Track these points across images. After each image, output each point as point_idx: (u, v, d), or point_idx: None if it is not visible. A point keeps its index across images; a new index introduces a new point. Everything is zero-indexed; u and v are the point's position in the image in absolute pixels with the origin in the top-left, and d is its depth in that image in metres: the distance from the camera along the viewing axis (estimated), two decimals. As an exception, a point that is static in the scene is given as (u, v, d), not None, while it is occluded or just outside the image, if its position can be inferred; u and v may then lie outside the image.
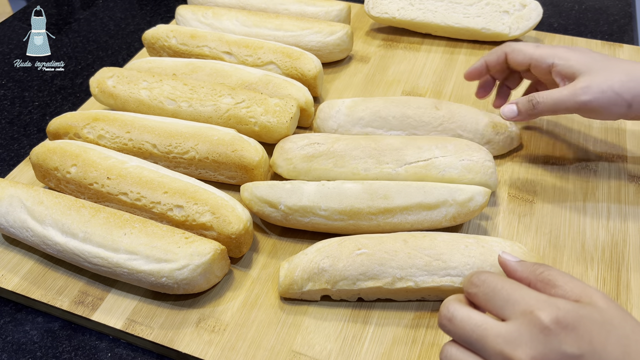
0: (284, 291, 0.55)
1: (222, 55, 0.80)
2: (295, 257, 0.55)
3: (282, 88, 0.72)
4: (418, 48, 0.89)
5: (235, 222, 0.56)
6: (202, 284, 0.54)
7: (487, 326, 0.38)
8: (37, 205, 0.57)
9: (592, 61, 0.58)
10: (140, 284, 0.54)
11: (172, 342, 0.53)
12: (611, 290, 0.56)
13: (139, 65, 0.79)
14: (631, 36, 0.93)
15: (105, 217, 0.55)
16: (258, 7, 0.90)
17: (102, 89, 0.73)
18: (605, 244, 0.60)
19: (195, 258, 0.52)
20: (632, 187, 0.66)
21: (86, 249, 0.54)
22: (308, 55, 0.78)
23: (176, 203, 0.57)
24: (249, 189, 0.60)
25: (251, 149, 0.63)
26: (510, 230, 0.62)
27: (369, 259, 0.52)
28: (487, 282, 0.40)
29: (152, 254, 0.53)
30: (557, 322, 0.36)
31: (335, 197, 0.57)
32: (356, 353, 0.52)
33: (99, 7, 1.07)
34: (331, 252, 0.53)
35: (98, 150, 0.63)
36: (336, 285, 0.52)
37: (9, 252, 0.61)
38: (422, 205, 0.56)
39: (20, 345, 0.55)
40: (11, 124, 0.81)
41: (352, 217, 0.57)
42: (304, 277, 0.53)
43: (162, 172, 0.60)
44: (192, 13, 0.88)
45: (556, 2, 1.03)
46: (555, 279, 0.40)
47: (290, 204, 0.57)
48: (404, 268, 0.51)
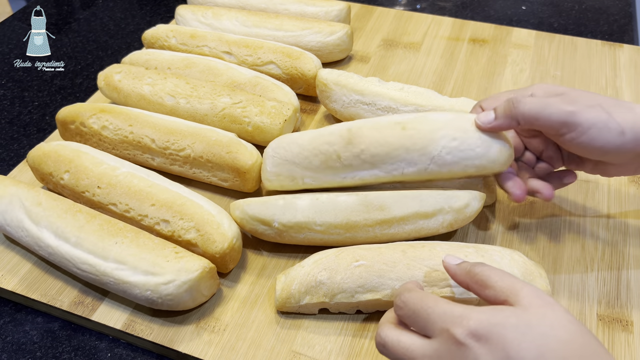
0: (281, 305, 0.53)
1: (222, 55, 0.80)
2: (291, 269, 0.54)
3: (269, 91, 0.72)
4: (418, 48, 0.89)
5: (220, 240, 0.54)
6: (188, 302, 0.53)
7: (414, 348, 0.39)
8: (35, 207, 0.57)
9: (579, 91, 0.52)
10: (126, 295, 0.53)
11: (171, 342, 0.53)
12: (611, 290, 0.56)
13: (138, 57, 0.80)
14: (631, 36, 0.93)
15: (100, 224, 0.55)
16: (258, 7, 0.90)
17: (108, 82, 0.75)
18: (605, 244, 0.60)
19: (183, 274, 0.51)
20: (632, 187, 0.66)
21: (76, 254, 0.54)
22: (308, 55, 0.78)
23: (162, 217, 0.56)
24: (240, 208, 0.58)
25: (246, 152, 0.62)
26: (511, 231, 0.62)
27: (368, 271, 0.51)
28: (408, 304, 0.41)
29: (140, 265, 0.52)
30: (470, 336, 0.36)
31: (330, 211, 0.55)
32: (356, 353, 0.52)
33: (99, 7, 1.07)
34: (329, 264, 0.52)
35: (92, 155, 0.63)
36: (334, 298, 0.52)
37: (9, 252, 0.61)
38: (418, 214, 0.55)
39: (20, 345, 0.55)
40: (11, 124, 0.81)
41: (348, 230, 0.56)
42: (301, 291, 0.52)
43: (152, 180, 0.60)
44: (191, 13, 0.88)
45: (556, 2, 1.03)
46: (488, 279, 0.40)
47: (284, 221, 0.56)
48: (403, 279, 0.51)
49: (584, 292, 0.56)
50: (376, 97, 0.69)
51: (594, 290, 0.56)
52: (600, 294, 0.56)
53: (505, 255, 0.53)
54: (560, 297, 0.55)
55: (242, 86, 0.73)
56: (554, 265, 0.58)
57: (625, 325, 0.53)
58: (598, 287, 0.56)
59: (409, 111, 0.68)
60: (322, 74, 0.72)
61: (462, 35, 0.91)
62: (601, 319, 0.54)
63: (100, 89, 0.77)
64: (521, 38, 0.89)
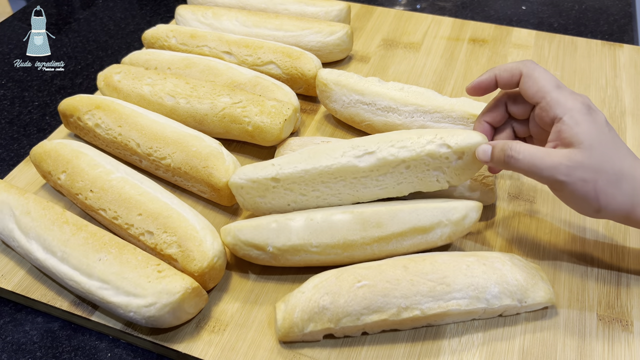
0: (284, 335, 0.51)
1: (222, 55, 0.80)
2: (291, 296, 0.52)
3: (269, 91, 0.72)
4: (418, 48, 0.89)
5: (199, 259, 0.53)
6: (172, 321, 0.52)
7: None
8: (24, 216, 0.57)
9: (598, 140, 0.49)
10: (112, 312, 0.53)
11: (171, 342, 0.53)
12: (611, 290, 0.56)
13: (138, 57, 0.80)
14: (631, 36, 0.93)
15: (85, 238, 0.54)
16: (258, 7, 0.90)
17: (108, 83, 0.75)
18: (605, 244, 0.60)
19: (164, 297, 0.49)
20: (632, 187, 0.66)
21: (62, 269, 0.53)
22: (308, 55, 0.78)
23: (147, 229, 0.56)
24: (231, 233, 0.55)
25: (222, 168, 0.61)
26: (511, 231, 0.62)
27: (371, 291, 0.50)
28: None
29: (122, 285, 0.51)
30: None
31: (326, 232, 0.53)
32: (356, 353, 0.52)
33: (99, 7, 1.07)
34: (330, 287, 0.50)
35: (90, 157, 0.63)
36: (339, 322, 0.50)
37: (9, 252, 0.61)
38: (416, 229, 0.54)
39: (20, 345, 0.55)
40: (11, 124, 0.81)
41: (346, 249, 0.54)
42: (304, 318, 0.50)
43: (144, 187, 0.59)
44: (191, 13, 0.88)
45: (556, 2, 1.03)
46: None
47: (279, 245, 0.54)
48: (409, 296, 0.50)
49: (584, 292, 0.56)
50: (376, 97, 0.69)
51: (594, 290, 0.56)
52: (600, 294, 0.56)
53: (506, 261, 0.53)
54: (560, 297, 0.55)
55: (242, 86, 0.73)
56: (554, 266, 0.58)
57: (625, 325, 0.53)
58: (598, 287, 0.56)
59: (409, 111, 0.68)
60: (322, 73, 0.72)
61: (462, 35, 0.91)
62: (601, 319, 0.54)
63: (100, 89, 0.77)
64: (521, 38, 0.89)
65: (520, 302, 0.52)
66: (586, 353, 0.51)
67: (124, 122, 0.67)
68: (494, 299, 0.51)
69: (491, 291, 0.51)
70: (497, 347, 0.52)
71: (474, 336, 0.52)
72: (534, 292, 0.52)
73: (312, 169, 0.56)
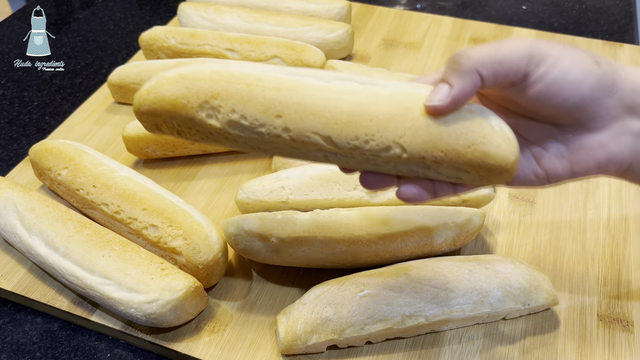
0: (287, 348, 0.50)
1: (225, 53, 0.80)
2: (292, 308, 0.51)
3: None
4: (418, 47, 0.89)
5: (205, 252, 0.54)
6: (172, 321, 0.51)
7: None
8: (28, 212, 0.57)
9: None
10: (112, 310, 0.52)
11: (171, 343, 0.53)
12: (611, 290, 0.56)
13: (126, 72, 0.77)
14: (632, 36, 0.93)
15: (89, 235, 0.54)
16: (259, 4, 0.90)
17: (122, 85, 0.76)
18: (605, 244, 0.60)
19: (167, 293, 0.50)
20: (632, 187, 0.66)
21: (64, 265, 0.53)
22: (311, 47, 0.78)
23: (152, 222, 0.56)
24: (234, 223, 0.54)
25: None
26: (511, 230, 0.62)
27: (375, 300, 0.49)
28: None
29: (125, 281, 0.51)
30: None
31: (332, 226, 0.53)
32: (356, 353, 0.52)
33: (99, 7, 1.07)
34: (332, 298, 0.50)
35: (93, 156, 0.63)
36: (343, 333, 0.49)
37: (9, 253, 0.61)
38: (422, 229, 0.54)
39: (19, 345, 0.55)
40: (10, 124, 0.81)
41: (350, 245, 0.53)
42: (307, 330, 0.49)
43: (148, 186, 0.59)
44: (194, 9, 0.89)
45: (556, 2, 1.02)
46: None
47: (283, 236, 0.53)
48: (412, 304, 0.49)
49: (584, 292, 0.56)
50: None
51: (594, 290, 0.56)
52: (600, 294, 0.56)
53: (508, 264, 0.53)
54: (560, 297, 0.55)
55: None
56: (554, 266, 0.58)
57: (625, 325, 0.53)
58: (598, 287, 0.56)
59: None
60: (332, 63, 0.74)
61: (462, 34, 0.91)
62: (601, 319, 0.54)
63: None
64: (521, 38, 0.89)
65: (524, 305, 0.51)
66: (587, 354, 0.51)
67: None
68: (497, 302, 0.51)
69: (495, 295, 0.51)
70: (498, 348, 0.52)
71: (474, 337, 0.52)
72: (537, 294, 0.52)
73: (324, 200, 0.58)
